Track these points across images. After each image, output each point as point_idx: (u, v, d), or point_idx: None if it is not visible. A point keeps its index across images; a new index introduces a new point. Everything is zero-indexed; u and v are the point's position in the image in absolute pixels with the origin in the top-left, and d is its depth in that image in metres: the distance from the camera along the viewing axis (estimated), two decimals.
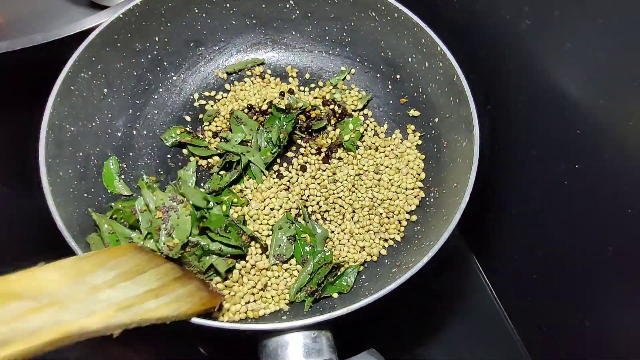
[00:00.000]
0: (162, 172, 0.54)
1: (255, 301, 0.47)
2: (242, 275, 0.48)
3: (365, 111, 0.59)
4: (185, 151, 0.56)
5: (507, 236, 0.55)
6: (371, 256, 0.50)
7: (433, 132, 0.54)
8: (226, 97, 0.59)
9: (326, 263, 0.47)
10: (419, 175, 0.54)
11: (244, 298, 0.47)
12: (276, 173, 0.54)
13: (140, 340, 0.53)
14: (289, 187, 0.53)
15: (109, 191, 0.50)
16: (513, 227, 0.54)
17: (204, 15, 0.57)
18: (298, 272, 0.48)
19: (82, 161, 0.48)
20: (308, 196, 0.53)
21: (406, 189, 0.53)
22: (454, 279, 0.60)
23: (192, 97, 0.59)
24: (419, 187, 0.53)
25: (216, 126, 0.57)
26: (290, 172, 0.54)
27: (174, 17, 0.55)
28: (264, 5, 0.58)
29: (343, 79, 0.61)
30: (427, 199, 0.51)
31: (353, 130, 0.56)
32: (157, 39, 0.55)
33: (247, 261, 0.49)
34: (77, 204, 0.45)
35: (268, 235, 0.50)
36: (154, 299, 0.36)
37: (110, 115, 0.53)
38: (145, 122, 0.56)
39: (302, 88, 0.60)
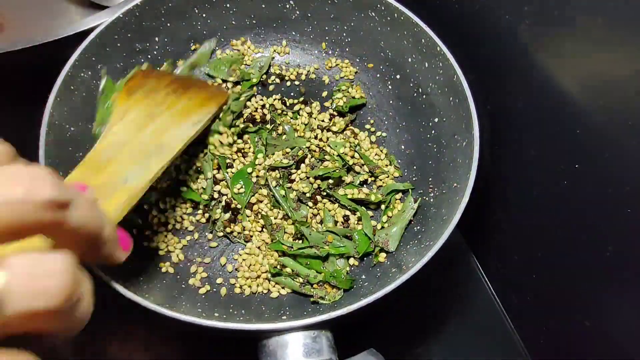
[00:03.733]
0: None
1: None
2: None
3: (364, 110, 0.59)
4: None
5: (507, 236, 0.55)
6: None
7: (433, 132, 0.54)
8: None
9: None
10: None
11: None
12: None
13: (141, 341, 0.53)
14: None
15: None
16: (513, 227, 0.54)
17: (204, 15, 0.57)
18: None
19: None
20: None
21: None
22: (454, 279, 0.60)
23: None
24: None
25: None
26: None
27: (174, 17, 0.55)
28: (264, 6, 0.58)
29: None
30: (427, 199, 0.51)
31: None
32: (157, 39, 0.55)
33: None
34: None
35: None
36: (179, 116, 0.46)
37: None
38: None
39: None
